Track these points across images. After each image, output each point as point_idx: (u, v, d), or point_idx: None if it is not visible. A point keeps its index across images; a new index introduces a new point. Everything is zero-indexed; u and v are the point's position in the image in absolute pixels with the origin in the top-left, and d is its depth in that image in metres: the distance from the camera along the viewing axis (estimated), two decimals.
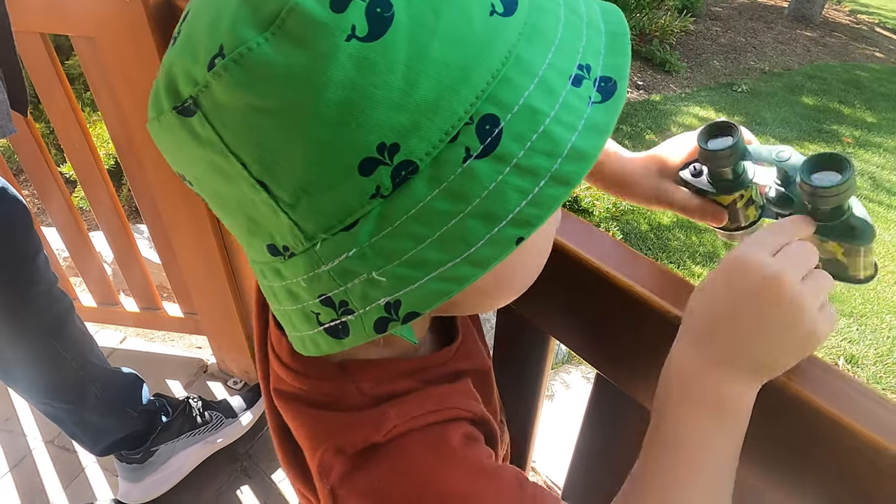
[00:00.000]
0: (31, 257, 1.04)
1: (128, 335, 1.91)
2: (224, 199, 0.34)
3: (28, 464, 1.55)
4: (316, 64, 0.28)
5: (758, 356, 0.39)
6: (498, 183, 0.30)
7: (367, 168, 0.30)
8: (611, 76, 0.33)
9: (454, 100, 0.29)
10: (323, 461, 0.40)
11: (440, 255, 0.31)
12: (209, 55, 0.29)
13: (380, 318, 0.33)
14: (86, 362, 1.20)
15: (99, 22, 1.09)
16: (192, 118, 0.30)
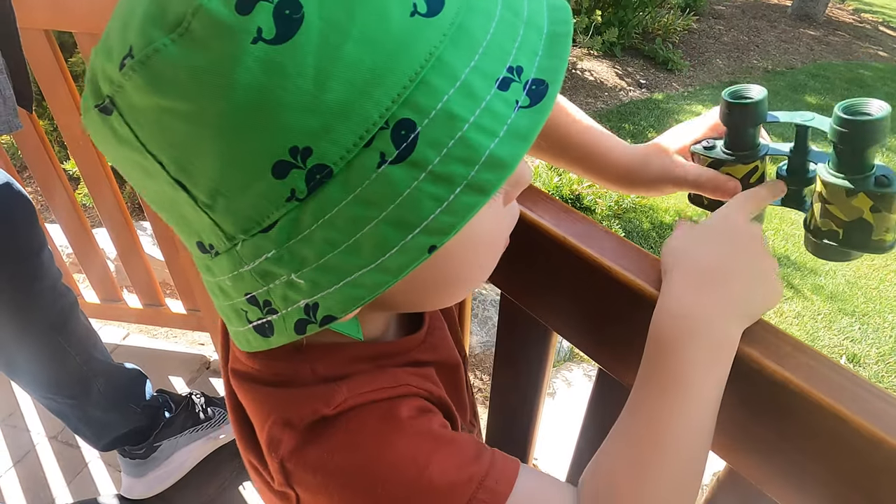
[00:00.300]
0: (35, 252, 1.04)
1: (131, 331, 1.92)
2: (153, 195, 0.35)
3: (32, 459, 1.55)
4: (221, 67, 0.28)
5: (750, 302, 0.43)
6: (412, 189, 0.30)
7: (281, 171, 0.29)
8: (543, 79, 0.31)
9: (368, 103, 0.29)
10: (271, 434, 0.40)
11: (353, 260, 0.31)
12: (121, 55, 0.29)
13: (300, 319, 0.33)
14: (89, 358, 1.21)
15: (102, 18, 1.09)
16: (111, 117, 0.31)
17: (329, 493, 0.39)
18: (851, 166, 0.45)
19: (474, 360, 2.06)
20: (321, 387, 0.40)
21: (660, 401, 0.42)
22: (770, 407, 0.43)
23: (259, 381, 0.43)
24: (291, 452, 0.39)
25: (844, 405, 0.39)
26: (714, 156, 0.53)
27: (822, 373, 0.41)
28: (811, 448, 0.42)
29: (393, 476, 0.38)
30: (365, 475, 0.38)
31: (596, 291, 0.53)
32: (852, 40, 6.78)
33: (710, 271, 0.44)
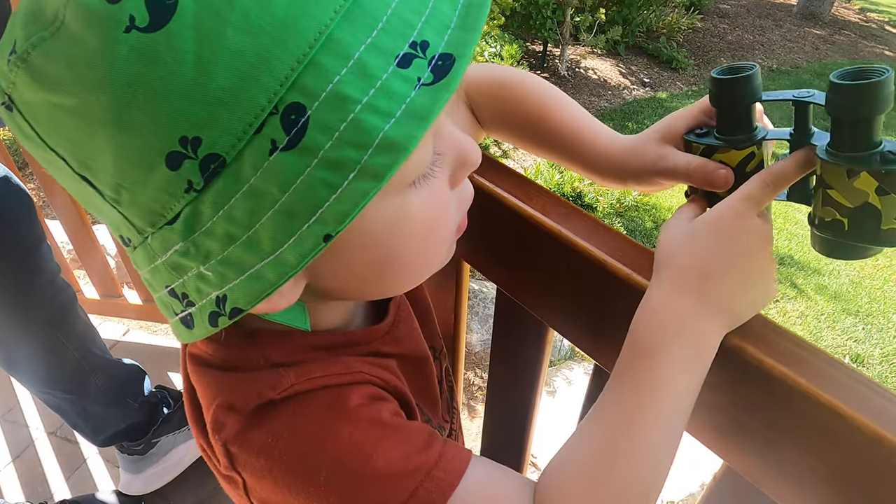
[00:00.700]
0: (33, 247, 1.04)
1: (130, 328, 1.92)
2: (72, 191, 0.34)
3: (30, 454, 1.56)
4: (96, 59, 0.27)
5: (738, 307, 0.42)
6: (305, 177, 0.28)
7: (174, 162, 0.29)
8: (451, 53, 0.30)
9: (255, 88, 0.28)
10: (216, 417, 0.39)
11: (253, 252, 0.30)
12: (7, 52, 0.29)
13: (212, 311, 0.33)
14: (88, 353, 1.20)
15: None
16: (13, 114, 0.31)
17: (273, 478, 0.38)
18: (852, 142, 0.39)
19: (474, 358, 2.05)
20: (269, 371, 0.40)
21: (631, 400, 0.41)
22: (768, 403, 0.42)
23: (210, 365, 0.42)
24: (235, 436, 0.39)
25: (844, 401, 0.38)
26: (706, 142, 0.47)
27: (822, 369, 0.40)
28: (809, 445, 0.41)
29: (337, 463, 0.38)
30: (308, 461, 0.38)
31: (594, 288, 0.52)
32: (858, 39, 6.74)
33: (699, 272, 0.41)
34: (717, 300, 0.41)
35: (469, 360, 2.04)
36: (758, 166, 0.47)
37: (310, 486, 0.38)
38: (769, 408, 0.42)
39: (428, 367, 0.53)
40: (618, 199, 3.07)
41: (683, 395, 0.41)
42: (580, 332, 0.58)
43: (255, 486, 0.40)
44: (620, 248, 0.50)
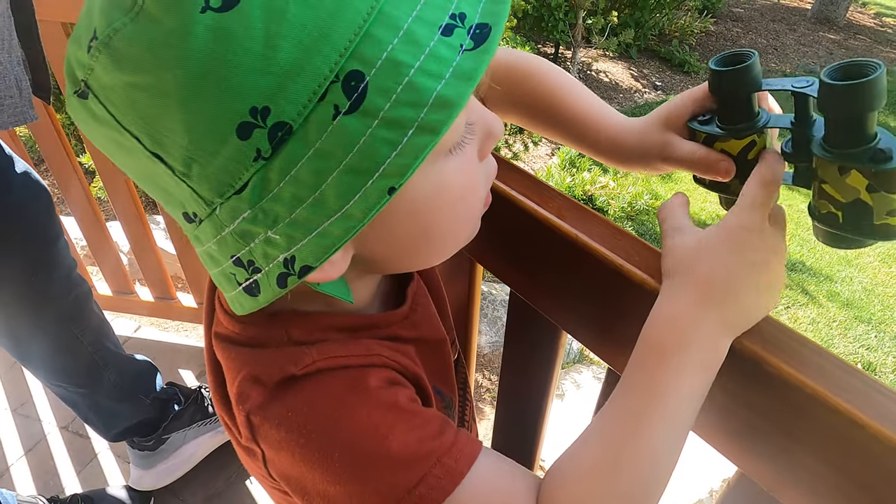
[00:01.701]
0: (52, 242, 1.05)
1: (142, 324, 1.93)
2: (137, 173, 0.36)
3: (42, 448, 1.57)
4: (174, 38, 0.29)
5: (748, 315, 0.43)
6: (367, 137, 0.31)
7: (245, 132, 0.31)
8: (487, 22, 0.33)
9: (317, 59, 0.30)
10: (241, 389, 0.42)
11: (320, 211, 0.33)
12: (87, 40, 0.31)
13: (280, 273, 0.35)
14: (102, 348, 1.22)
15: None
16: (88, 100, 0.33)
17: (290, 451, 0.40)
18: (844, 139, 0.39)
19: (483, 360, 2.05)
20: (292, 348, 0.42)
21: (640, 404, 0.42)
22: (784, 410, 0.42)
23: (236, 342, 0.44)
24: (258, 407, 0.41)
25: (861, 409, 0.38)
26: (707, 130, 0.47)
27: (839, 376, 0.40)
28: (825, 453, 0.41)
29: (352, 441, 0.39)
30: (324, 437, 0.39)
31: (609, 292, 0.52)
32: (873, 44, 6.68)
33: (712, 284, 0.42)
34: (728, 309, 0.42)
35: (478, 362, 2.04)
36: (760, 153, 0.46)
37: (324, 462, 0.39)
38: (785, 414, 0.42)
39: (445, 350, 0.55)
40: (629, 203, 3.05)
41: (692, 400, 0.42)
42: (594, 335, 0.57)
43: (273, 458, 0.42)
44: (636, 253, 0.50)
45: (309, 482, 0.40)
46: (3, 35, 0.84)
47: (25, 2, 0.91)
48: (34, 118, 0.89)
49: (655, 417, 0.41)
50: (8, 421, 1.64)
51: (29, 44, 0.93)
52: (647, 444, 0.41)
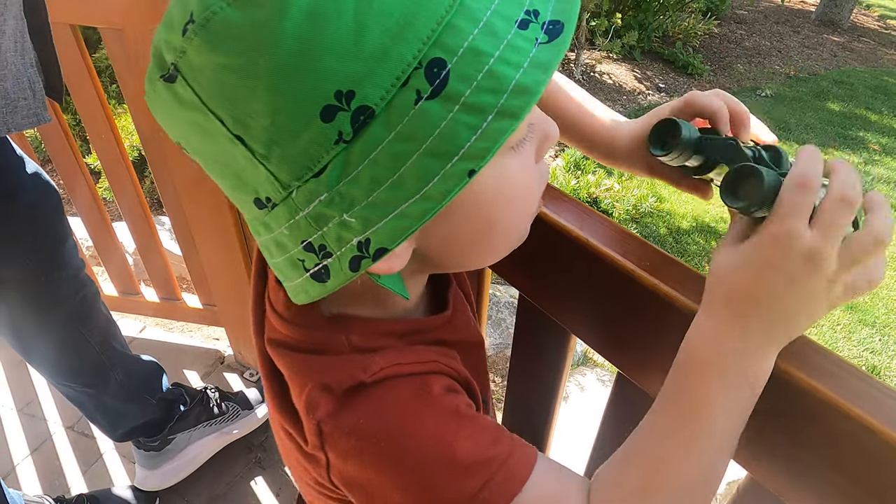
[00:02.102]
0: (61, 241, 1.06)
1: (147, 325, 1.94)
2: (212, 158, 0.37)
3: (48, 448, 1.58)
4: (271, 19, 0.30)
5: (792, 327, 0.41)
6: (448, 121, 0.32)
7: (328, 115, 0.32)
8: (559, 19, 0.35)
9: (402, 46, 0.32)
10: (310, 397, 0.42)
11: (399, 193, 0.33)
12: (182, 23, 0.32)
13: (353, 256, 0.35)
14: (109, 348, 1.22)
15: (127, 13, 1.10)
16: (175, 83, 0.34)
17: (359, 458, 0.41)
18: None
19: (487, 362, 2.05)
20: (359, 356, 0.43)
21: (678, 424, 0.42)
22: (795, 416, 0.42)
23: (296, 349, 0.45)
24: (328, 415, 0.41)
25: (873, 415, 0.38)
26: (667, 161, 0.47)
27: (851, 382, 0.40)
28: (837, 459, 0.41)
29: (420, 449, 0.40)
30: (394, 444, 0.40)
31: (619, 296, 0.52)
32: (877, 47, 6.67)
33: (753, 299, 0.40)
34: (770, 327, 0.40)
35: None
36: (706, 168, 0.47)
37: (394, 468, 0.40)
38: (796, 420, 0.42)
39: (482, 353, 0.56)
40: (634, 206, 3.05)
41: (738, 416, 0.42)
42: (603, 339, 0.58)
43: (339, 465, 0.42)
44: (648, 258, 0.50)
45: (376, 488, 0.41)
46: (16, 37, 0.84)
47: (38, 4, 0.92)
48: (48, 120, 0.90)
49: (702, 440, 0.41)
50: (14, 420, 1.64)
51: (42, 46, 0.94)
52: (696, 465, 0.42)
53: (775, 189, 0.39)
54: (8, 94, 0.82)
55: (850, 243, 0.38)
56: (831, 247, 0.38)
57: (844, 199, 0.38)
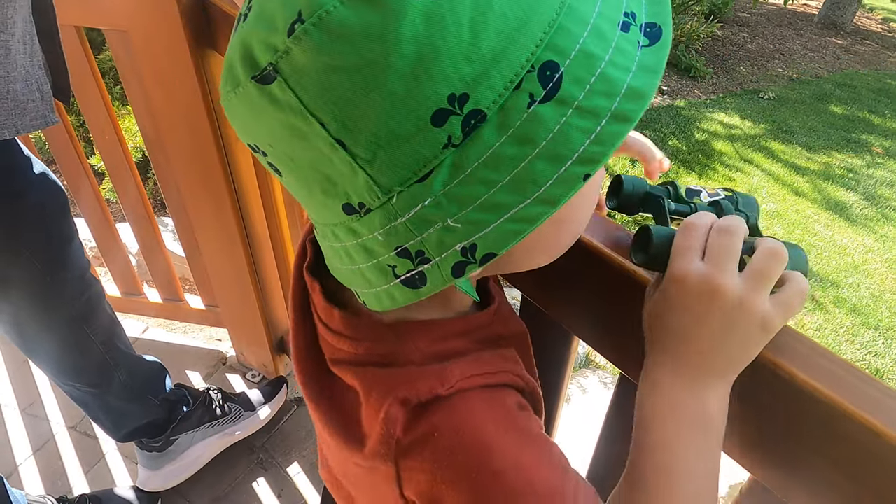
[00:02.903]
0: (66, 241, 1.06)
1: (150, 325, 1.94)
2: (300, 162, 0.35)
3: (51, 448, 1.58)
4: (388, 21, 0.29)
5: (726, 365, 0.42)
6: (562, 125, 0.32)
7: (440, 119, 0.31)
8: (655, 22, 0.35)
9: (516, 49, 0.31)
10: (389, 414, 0.41)
11: (511, 197, 0.32)
12: (288, 22, 0.31)
13: (457, 262, 0.34)
14: (113, 348, 1.22)
15: (132, 16, 1.11)
16: (271, 85, 0.32)
17: (432, 472, 0.40)
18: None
19: None
20: (433, 366, 0.42)
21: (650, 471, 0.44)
22: (799, 417, 0.42)
23: (367, 364, 0.44)
24: (405, 429, 0.41)
25: (876, 416, 0.38)
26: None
27: (854, 384, 0.40)
28: (841, 460, 0.41)
29: (497, 469, 0.39)
30: (469, 459, 0.40)
31: (623, 299, 0.52)
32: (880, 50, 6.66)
33: (675, 349, 0.42)
34: (704, 366, 0.41)
35: None
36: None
37: (469, 485, 0.40)
38: (798, 422, 0.42)
39: (528, 342, 0.55)
40: None
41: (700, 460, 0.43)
42: (606, 340, 0.58)
43: (411, 478, 0.42)
44: None
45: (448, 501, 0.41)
46: (25, 40, 0.85)
47: (47, 6, 0.92)
48: (55, 121, 0.90)
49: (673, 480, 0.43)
50: (17, 421, 1.65)
51: (50, 48, 0.94)
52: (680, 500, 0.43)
53: (670, 243, 0.42)
54: (17, 96, 0.83)
55: (750, 264, 0.40)
56: (725, 273, 0.39)
57: (723, 229, 0.40)
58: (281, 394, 1.61)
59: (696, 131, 4.29)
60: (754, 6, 7.15)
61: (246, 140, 0.38)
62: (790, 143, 4.31)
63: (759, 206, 0.48)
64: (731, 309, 0.39)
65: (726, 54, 5.84)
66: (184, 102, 1.19)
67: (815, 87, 5.31)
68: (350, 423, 0.45)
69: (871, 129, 4.67)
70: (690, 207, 0.48)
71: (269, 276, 1.52)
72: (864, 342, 2.60)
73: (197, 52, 1.11)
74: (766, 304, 0.39)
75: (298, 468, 1.53)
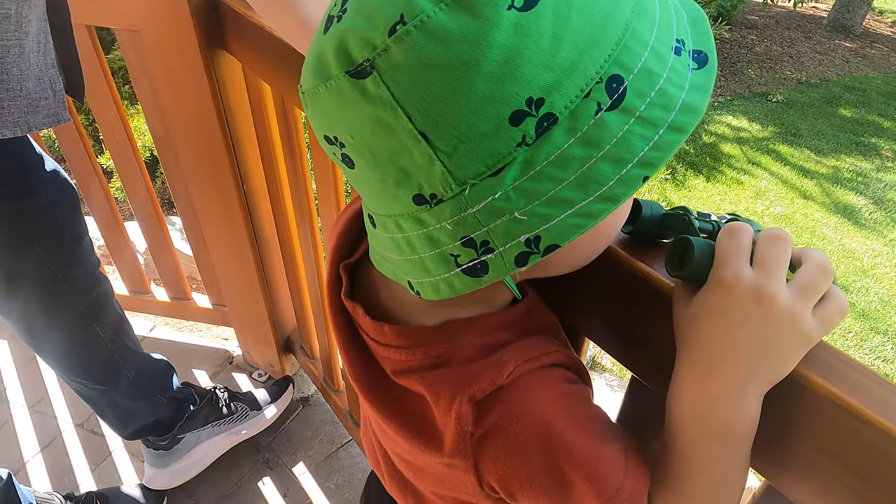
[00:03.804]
0: (77, 239, 1.07)
1: (157, 324, 1.95)
2: (378, 153, 0.38)
3: (58, 445, 1.59)
4: (483, 28, 0.33)
5: (763, 375, 0.41)
6: (625, 132, 0.35)
7: (517, 119, 0.34)
8: (702, 49, 0.39)
9: (588, 62, 0.34)
10: (460, 413, 0.44)
11: (576, 194, 0.35)
12: (390, 23, 0.34)
13: (521, 252, 0.37)
14: (122, 345, 1.23)
15: (143, 15, 1.12)
16: (366, 79, 0.35)
17: (506, 457, 0.44)
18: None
19: None
20: (489, 359, 0.45)
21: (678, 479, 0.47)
22: (816, 423, 0.42)
23: (425, 368, 0.48)
24: (475, 423, 0.44)
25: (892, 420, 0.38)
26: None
27: (873, 389, 0.40)
28: (855, 465, 0.41)
29: (556, 439, 0.44)
30: (538, 441, 0.43)
31: (631, 297, 0.52)
32: (890, 53, 6.62)
33: (710, 355, 0.42)
34: (734, 379, 0.41)
35: None
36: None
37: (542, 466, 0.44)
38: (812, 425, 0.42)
39: (562, 332, 0.57)
40: None
41: (729, 470, 0.45)
42: (617, 342, 0.57)
43: (488, 468, 0.45)
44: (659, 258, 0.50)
45: (525, 485, 0.45)
46: (39, 38, 0.85)
47: (62, 5, 0.93)
48: (67, 119, 0.91)
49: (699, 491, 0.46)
50: (24, 418, 1.66)
51: (64, 46, 0.95)
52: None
53: (710, 254, 0.43)
54: (30, 94, 0.83)
55: (797, 275, 0.40)
56: (775, 281, 0.39)
57: (774, 236, 0.41)
58: (287, 393, 1.61)
59: (704, 134, 4.27)
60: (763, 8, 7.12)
61: (324, 132, 0.40)
62: (798, 146, 4.29)
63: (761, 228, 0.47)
64: (778, 319, 0.39)
65: (734, 57, 5.82)
66: (194, 102, 1.19)
67: (824, 90, 5.28)
68: (424, 426, 0.48)
69: (881, 133, 4.64)
70: (712, 225, 0.48)
71: (277, 276, 1.52)
72: (873, 347, 2.59)
73: (207, 52, 1.12)
74: (810, 318, 0.39)
75: (304, 468, 1.53)
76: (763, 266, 0.40)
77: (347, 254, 0.57)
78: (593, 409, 0.48)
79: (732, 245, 0.41)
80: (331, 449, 1.57)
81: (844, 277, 3.01)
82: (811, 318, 0.39)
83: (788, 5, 6.94)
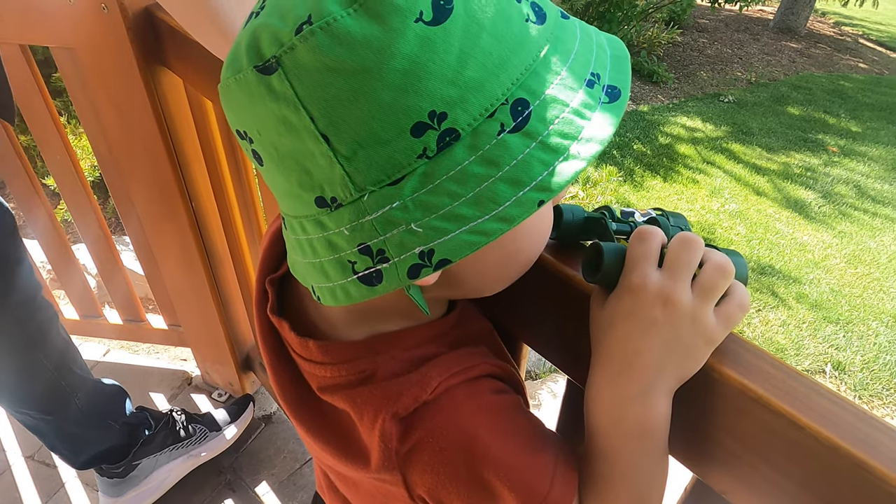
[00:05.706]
0: (14, 265, 1.03)
1: (111, 347, 1.90)
2: (282, 152, 0.38)
3: (7, 479, 1.53)
4: (388, 37, 0.33)
5: (670, 374, 0.43)
6: (525, 155, 0.36)
7: (418, 131, 0.34)
8: (615, 85, 0.39)
9: (495, 83, 0.35)
10: (384, 430, 0.44)
11: (472, 211, 0.36)
12: (298, 21, 0.34)
13: (413, 264, 0.37)
14: (69, 372, 1.19)
15: (78, 33, 1.09)
16: (271, 76, 0.35)
17: (433, 471, 0.44)
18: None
19: None
20: (414, 374, 0.45)
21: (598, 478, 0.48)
22: (733, 415, 0.43)
23: (349, 386, 0.47)
24: (400, 439, 0.44)
25: (801, 412, 0.39)
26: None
27: (782, 380, 0.41)
28: (771, 456, 0.42)
29: (481, 452, 0.44)
30: (464, 454, 0.44)
31: (561, 302, 0.53)
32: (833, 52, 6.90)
33: (621, 357, 0.44)
34: (643, 381, 0.43)
35: None
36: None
37: (469, 478, 0.44)
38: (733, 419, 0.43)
39: (496, 338, 0.58)
40: None
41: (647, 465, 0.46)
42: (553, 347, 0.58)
43: (417, 481, 0.45)
44: None
45: (454, 497, 0.45)
46: None
47: None
48: None
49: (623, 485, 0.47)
50: None
51: None
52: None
53: (622, 258, 0.43)
54: None
55: (698, 278, 0.42)
56: (680, 284, 0.41)
57: (684, 240, 0.42)
58: (248, 412, 1.58)
59: (660, 135, 4.37)
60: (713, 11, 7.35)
61: (236, 126, 0.40)
62: (750, 144, 4.42)
63: (688, 222, 0.49)
64: (681, 322, 0.41)
65: (687, 60, 5.98)
66: (136, 120, 1.17)
67: (773, 90, 5.47)
68: (350, 442, 0.48)
69: (827, 129, 4.82)
70: (630, 226, 0.49)
71: (231, 293, 1.50)
72: (826, 336, 2.67)
73: (146, 69, 1.10)
74: (711, 318, 0.41)
75: (267, 487, 1.50)
76: (670, 269, 0.42)
77: (274, 268, 0.56)
78: (521, 418, 0.48)
79: (641, 249, 0.43)
80: (294, 466, 1.55)
81: (797, 270, 3.10)
82: (713, 317, 0.41)
83: (736, 9, 7.18)
